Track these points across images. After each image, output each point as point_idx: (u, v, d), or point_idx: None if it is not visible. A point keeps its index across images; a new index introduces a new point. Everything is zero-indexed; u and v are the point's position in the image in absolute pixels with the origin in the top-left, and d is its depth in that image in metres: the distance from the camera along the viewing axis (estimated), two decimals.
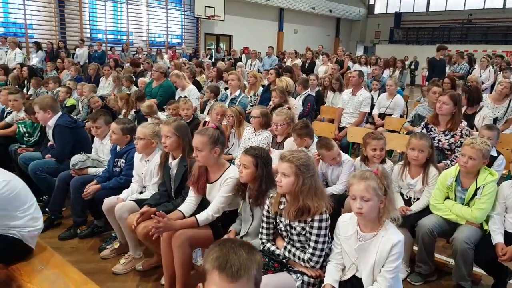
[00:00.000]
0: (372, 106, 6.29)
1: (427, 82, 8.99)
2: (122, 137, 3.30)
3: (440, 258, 3.16)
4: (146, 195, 3.06)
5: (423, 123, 4.08)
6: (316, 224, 2.03)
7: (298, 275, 2.07)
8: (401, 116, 6.27)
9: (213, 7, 18.63)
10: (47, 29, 14.40)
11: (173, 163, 2.90)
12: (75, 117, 4.96)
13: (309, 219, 2.04)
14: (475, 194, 2.79)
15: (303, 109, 5.78)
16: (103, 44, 14.40)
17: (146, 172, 3.10)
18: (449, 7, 24.67)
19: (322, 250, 2.06)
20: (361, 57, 10.92)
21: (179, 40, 18.57)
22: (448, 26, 23.39)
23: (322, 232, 2.04)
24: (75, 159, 3.62)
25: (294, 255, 2.13)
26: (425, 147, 3.00)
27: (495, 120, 5.49)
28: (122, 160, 3.34)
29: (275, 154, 3.47)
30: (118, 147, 3.40)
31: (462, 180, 2.87)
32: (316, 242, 2.05)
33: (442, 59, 9.77)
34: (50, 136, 3.99)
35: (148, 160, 3.11)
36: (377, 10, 28.02)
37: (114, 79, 7.70)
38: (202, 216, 2.55)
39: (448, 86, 6.56)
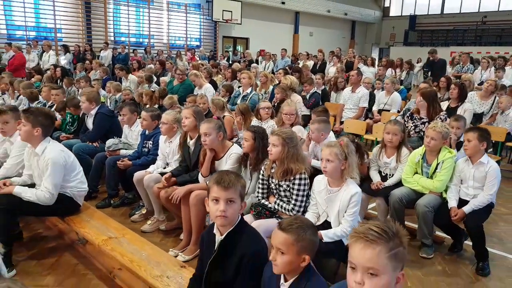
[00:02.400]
0: (374, 103, 6.90)
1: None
2: (151, 122, 4.04)
3: (409, 224, 3.76)
4: (169, 169, 3.77)
5: (409, 113, 4.73)
6: (297, 182, 2.70)
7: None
8: (398, 112, 6.84)
9: (231, 11, 19.37)
10: (74, 33, 15.40)
11: (191, 143, 3.61)
12: None
13: (292, 178, 2.71)
14: (437, 168, 3.40)
15: (307, 102, 6.41)
16: (126, 47, 15.32)
17: (169, 151, 3.82)
18: (464, 9, 24.79)
19: (302, 201, 2.73)
20: (368, 59, 11.44)
21: (198, 43, 19.38)
22: (462, 28, 23.55)
23: (302, 187, 2.70)
24: (110, 142, 4.38)
25: (281, 207, 2.80)
26: (398, 131, 3.62)
27: (482, 114, 6.04)
28: (150, 142, 4.07)
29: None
30: (147, 131, 4.13)
31: (427, 157, 3.48)
32: (297, 195, 2.71)
33: (441, 59, 10.26)
34: (89, 124, 4.76)
35: (171, 142, 3.82)
36: (392, 13, 28.29)
37: (139, 79, 8.53)
38: None
39: (444, 84, 7.13)
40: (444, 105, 5.50)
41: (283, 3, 21.39)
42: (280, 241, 1.57)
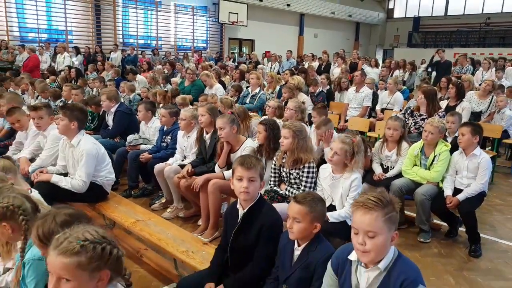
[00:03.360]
0: (377, 103, 7.20)
1: None
2: (169, 119, 4.37)
3: (408, 214, 4.06)
4: (186, 162, 4.09)
5: (410, 110, 5.04)
6: (306, 170, 3.02)
7: None
8: (400, 111, 7.13)
9: (237, 13, 19.71)
10: (84, 35, 15.80)
11: (207, 137, 3.94)
12: None
13: (301, 167, 3.03)
14: (434, 160, 3.70)
15: (316, 100, 6.74)
16: (135, 49, 15.69)
17: (187, 145, 4.15)
18: (467, 11, 24.97)
19: (310, 188, 3.04)
20: (372, 60, 11.74)
21: (204, 45, 19.76)
22: (466, 29, 23.76)
23: (310, 175, 3.02)
24: (130, 138, 4.72)
25: (291, 193, 3.11)
26: (398, 126, 3.93)
27: (480, 113, 6.32)
28: (168, 137, 4.41)
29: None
30: (165, 127, 4.46)
31: (425, 150, 3.79)
32: (306, 182, 3.03)
33: (447, 60, 10.54)
34: (109, 121, 5.10)
35: (188, 136, 4.15)
36: (396, 15, 28.54)
37: (149, 79, 8.88)
38: (228, 173, 3.56)
39: (445, 85, 7.41)
40: (443, 103, 5.81)
41: (288, 5, 21.70)
42: (296, 211, 1.89)
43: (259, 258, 2.07)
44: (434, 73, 11.52)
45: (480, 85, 8.47)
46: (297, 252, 1.95)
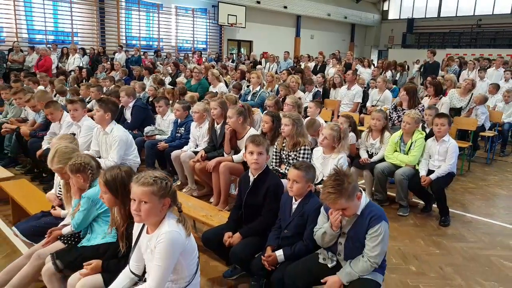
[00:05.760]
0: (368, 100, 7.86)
1: None
2: (183, 113, 5.01)
3: (390, 194, 4.71)
4: (199, 149, 4.72)
5: (394, 105, 5.71)
6: (302, 151, 3.67)
7: None
8: None
9: (235, 15, 20.33)
10: (89, 37, 16.40)
11: (218, 127, 4.57)
12: None
13: (299, 149, 3.67)
14: (411, 146, 4.35)
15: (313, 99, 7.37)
16: (139, 50, 16.29)
17: (199, 134, 4.78)
18: (460, 12, 25.64)
19: None
20: (365, 60, 12.42)
21: (204, 46, 20.38)
22: (458, 31, 24.47)
23: (306, 156, 3.67)
24: (147, 129, 5.35)
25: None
26: (381, 117, 4.58)
27: (460, 109, 6.98)
28: (182, 128, 5.04)
29: None
30: (179, 120, 5.10)
31: (404, 138, 4.44)
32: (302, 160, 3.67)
33: (435, 62, 11.22)
34: (127, 115, 5.73)
35: (200, 127, 4.79)
36: (390, 16, 29.22)
37: (154, 80, 9.50)
38: (236, 157, 4.20)
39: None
40: (426, 100, 6.47)
41: (285, 7, 22.34)
42: (295, 175, 2.52)
43: (266, 212, 2.72)
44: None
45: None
46: (295, 205, 2.59)
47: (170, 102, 7.24)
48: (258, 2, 21.08)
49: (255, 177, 2.79)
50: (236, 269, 3.01)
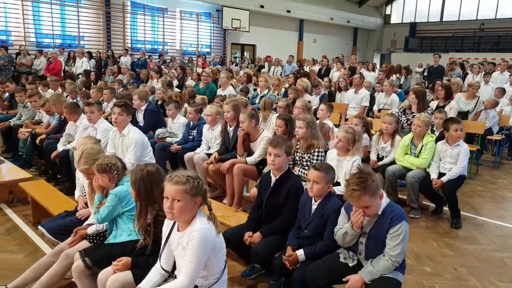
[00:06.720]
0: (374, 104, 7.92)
1: None
2: (195, 115, 5.08)
3: (401, 197, 4.75)
4: (211, 151, 4.78)
5: (402, 109, 5.76)
6: (315, 154, 3.73)
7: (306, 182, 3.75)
8: None
9: (239, 20, 20.47)
10: (95, 40, 16.53)
11: (230, 129, 4.63)
12: None
13: (312, 151, 3.73)
14: (421, 149, 4.41)
15: (320, 104, 7.43)
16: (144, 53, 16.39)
17: (212, 137, 4.85)
18: (462, 16, 25.72)
19: None
20: (369, 64, 12.50)
21: (208, 50, 20.50)
22: (461, 35, 24.55)
23: (319, 158, 3.72)
24: (159, 131, 5.42)
25: (304, 173, 3.79)
26: (392, 121, 4.64)
27: (467, 113, 7.04)
28: (194, 131, 5.11)
29: None
30: (191, 123, 5.16)
31: (414, 141, 4.50)
32: (316, 162, 3.72)
33: (440, 66, 11.29)
34: (139, 118, 5.80)
35: (213, 129, 4.85)
36: (393, 20, 29.35)
37: (162, 83, 9.58)
38: (250, 159, 4.26)
39: (439, 87, 8.12)
40: (435, 103, 6.52)
41: (288, 11, 22.47)
42: (315, 176, 2.57)
43: (287, 212, 2.78)
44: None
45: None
46: (314, 206, 2.65)
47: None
48: (262, 6, 21.22)
49: (277, 178, 2.86)
50: (254, 268, 3.07)
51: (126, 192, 2.50)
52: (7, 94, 7.18)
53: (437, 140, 4.52)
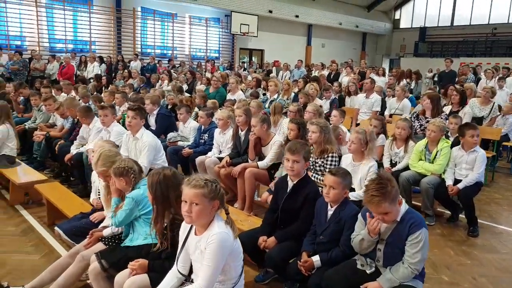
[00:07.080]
0: (386, 109, 7.87)
1: None
2: (207, 119, 5.08)
3: (415, 203, 4.69)
4: (222, 155, 4.77)
5: (415, 113, 5.71)
6: (329, 159, 3.69)
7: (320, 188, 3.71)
8: None
9: (248, 25, 20.52)
10: (106, 45, 16.68)
11: (242, 134, 4.62)
12: None
13: (326, 156, 3.69)
14: (436, 155, 4.35)
15: (330, 108, 7.42)
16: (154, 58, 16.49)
17: (223, 141, 4.84)
18: (474, 21, 25.42)
19: None
20: (379, 69, 12.44)
21: (217, 54, 20.60)
22: (472, 39, 24.29)
23: (333, 163, 3.68)
24: (170, 135, 5.44)
25: (317, 178, 3.76)
26: (406, 126, 4.59)
27: (482, 118, 6.94)
28: (206, 135, 5.11)
29: None
30: (203, 127, 5.16)
31: (429, 147, 4.44)
32: (330, 168, 3.68)
33: (452, 71, 11.19)
34: (151, 122, 5.82)
35: (224, 133, 4.84)
36: (402, 25, 29.19)
37: (173, 87, 9.62)
38: (261, 163, 4.24)
39: (453, 92, 8.02)
40: (448, 108, 6.45)
41: (296, 16, 22.47)
42: (332, 181, 2.54)
43: (304, 217, 2.76)
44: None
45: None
46: (330, 212, 2.62)
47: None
48: (270, 12, 21.27)
49: (294, 183, 2.83)
50: (267, 273, 3.04)
51: (143, 195, 2.49)
52: (22, 98, 7.27)
53: (452, 146, 4.46)
